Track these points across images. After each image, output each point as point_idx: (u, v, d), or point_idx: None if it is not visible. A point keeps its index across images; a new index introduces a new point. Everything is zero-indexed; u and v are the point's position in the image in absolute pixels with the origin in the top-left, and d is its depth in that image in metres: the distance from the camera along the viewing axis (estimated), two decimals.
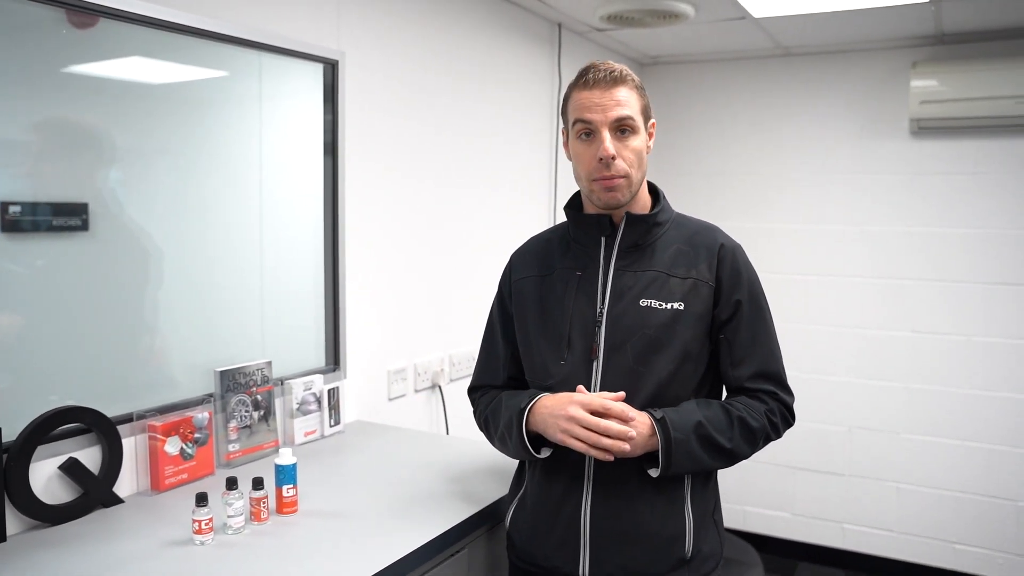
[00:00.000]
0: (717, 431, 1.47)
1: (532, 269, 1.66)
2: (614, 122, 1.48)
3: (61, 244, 1.69)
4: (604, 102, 1.48)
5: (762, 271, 1.67)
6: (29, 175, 1.62)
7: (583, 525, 1.52)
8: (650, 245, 1.56)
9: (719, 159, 4.06)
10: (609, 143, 1.47)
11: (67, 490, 1.63)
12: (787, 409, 1.58)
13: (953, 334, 3.60)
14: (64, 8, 1.64)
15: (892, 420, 3.74)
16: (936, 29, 3.33)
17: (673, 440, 1.43)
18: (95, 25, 1.71)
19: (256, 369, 2.03)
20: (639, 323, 1.50)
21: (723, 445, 1.47)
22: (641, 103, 1.52)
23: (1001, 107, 3.31)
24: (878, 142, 3.69)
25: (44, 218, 1.65)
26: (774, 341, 1.60)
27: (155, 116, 1.86)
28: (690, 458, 1.45)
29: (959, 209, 3.56)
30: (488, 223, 3.01)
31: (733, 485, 3.89)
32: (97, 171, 1.75)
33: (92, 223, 1.73)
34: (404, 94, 2.55)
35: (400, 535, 1.55)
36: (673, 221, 1.61)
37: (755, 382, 1.55)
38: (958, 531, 3.64)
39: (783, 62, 3.87)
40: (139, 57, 1.82)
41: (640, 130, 1.51)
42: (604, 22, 3.13)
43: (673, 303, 1.50)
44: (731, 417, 1.49)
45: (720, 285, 1.53)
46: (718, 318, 1.53)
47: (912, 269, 3.66)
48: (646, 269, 1.54)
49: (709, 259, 1.54)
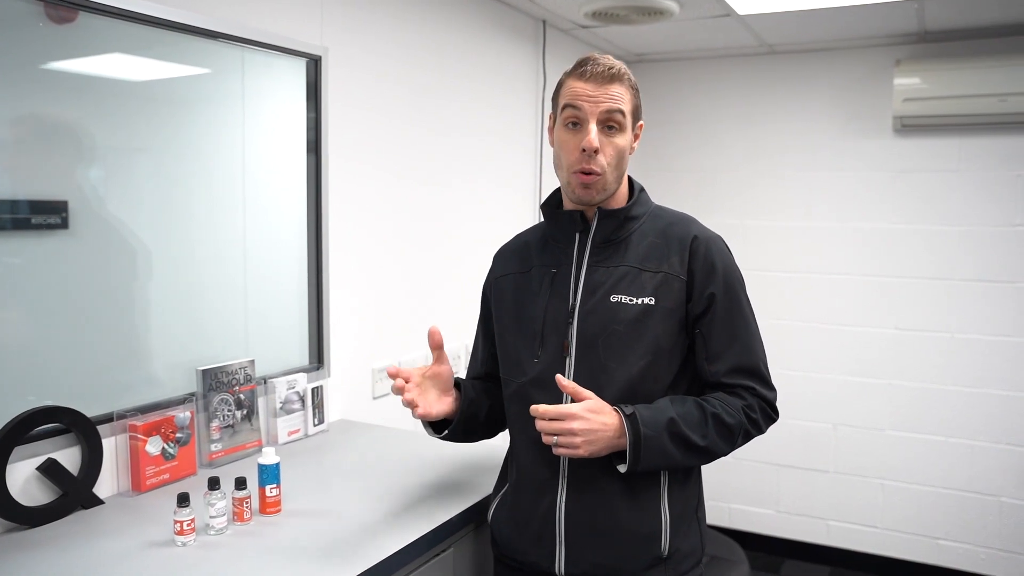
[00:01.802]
0: (690, 428, 1.44)
1: (512, 266, 1.66)
2: (603, 114, 1.47)
3: (40, 242, 1.66)
4: (597, 95, 1.47)
5: (746, 268, 1.66)
6: (7, 172, 1.59)
7: (558, 521, 1.51)
8: (624, 240, 1.55)
9: (704, 156, 4.06)
10: (595, 135, 1.47)
11: (46, 491, 1.61)
12: (768, 404, 1.55)
13: (936, 331, 3.62)
14: (43, 3, 1.61)
15: (876, 417, 3.76)
16: (919, 27, 3.35)
17: (643, 436, 1.41)
18: (74, 20, 1.69)
19: (239, 368, 2.01)
20: (609, 319, 1.49)
21: (696, 443, 1.45)
22: (633, 103, 1.51)
23: (984, 105, 3.33)
24: (862, 139, 3.71)
25: (23, 216, 1.63)
26: (754, 335, 1.56)
27: (137, 113, 1.84)
28: (661, 455, 1.43)
29: (942, 206, 3.58)
30: (473, 220, 3.00)
31: (718, 482, 3.90)
32: (77, 168, 1.72)
33: (72, 221, 1.70)
34: (388, 90, 2.54)
35: (384, 535, 1.54)
36: (649, 214, 1.59)
37: (732, 377, 1.52)
38: (941, 526, 3.67)
39: (768, 60, 3.88)
40: (119, 53, 1.79)
41: (627, 129, 1.50)
42: (589, 19, 3.12)
43: (643, 298, 1.49)
44: (705, 414, 1.47)
45: (692, 278, 1.51)
46: (692, 312, 1.51)
47: (896, 266, 3.68)
48: (618, 264, 1.53)
49: (681, 252, 1.52)
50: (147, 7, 1.76)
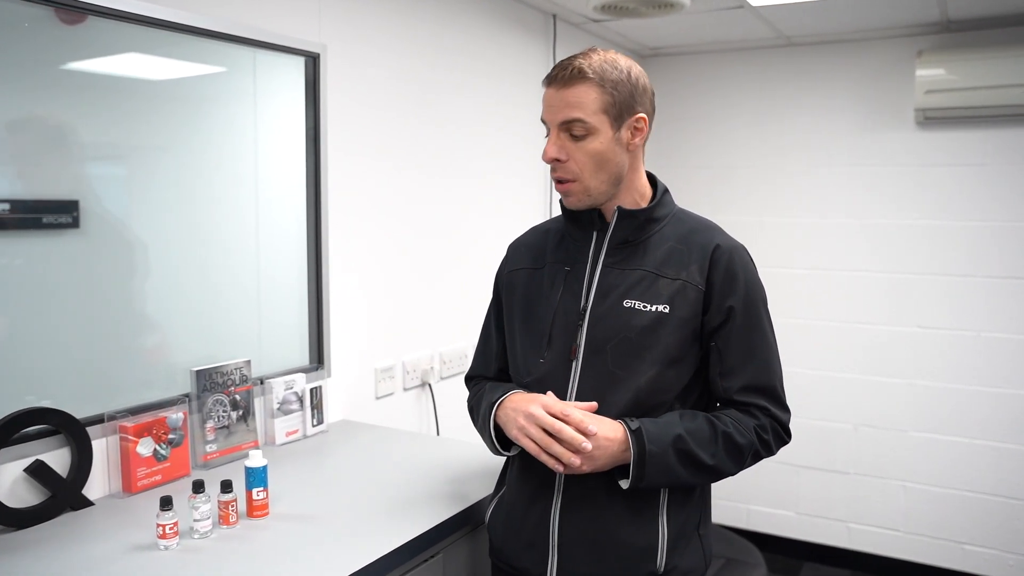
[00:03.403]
0: (699, 446, 1.38)
1: (525, 261, 1.61)
2: (561, 124, 1.41)
3: (51, 242, 1.67)
4: (555, 102, 1.42)
5: (764, 266, 1.58)
6: (17, 171, 1.60)
7: (551, 529, 1.47)
8: (643, 242, 1.48)
9: (720, 152, 3.99)
10: (553, 144, 1.42)
11: (34, 493, 1.60)
12: (781, 426, 1.48)
13: (960, 329, 3.52)
14: (49, 6, 1.63)
15: (898, 417, 3.66)
16: (942, 16, 3.25)
17: (648, 452, 1.35)
18: (84, 21, 1.70)
19: (234, 368, 1.99)
20: (621, 325, 1.43)
21: (704, 461, 1.39)
22: (604, 100, 1.39)
23: (1010, 96, 3.22)
24: (882, 133, 3.61)
25: (33, 215, 1.63)
26: (772, 353, 1.49)
27: (147, 113, 1.85)
28: (666, 472, 1.37)
29: (966, 202, 3.47)
30: (480, 217, 2.96)
31: (736, 483, 3.79)
32: (88, 168, 1.73)
33: (83, 220, 1.71)
34: (391, 87, 2.51)
35: (372, 539, 1.51)
36: (672, 217, 1.51)
37: (746, 395, 1.45)
38: (967, 531, 3.56)
39: (785, 52, 3.79)
40: (131, 53, 1.80)
41: (597, 131, 1.40)
42: (599, 12, 3.06)
43: (658, 305, 1.42)
44: (716, 431, 1.41)
45: (711, 289, 1.44)
46: (708, 324, 1.44)
47: (918, 263, 3.58)
48: (635, 268, 1.46)
49: (701, 260, 1.45)
50: (138, 6, 1.75)
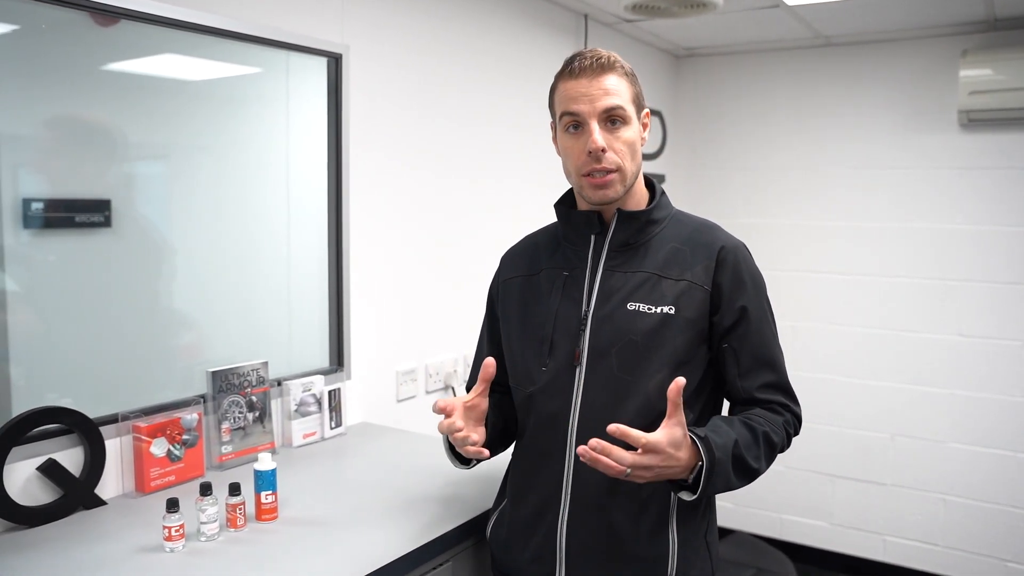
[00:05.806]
0: (747, 451, 1.34)
1: (520, 269, 1.59)
2: (603, 112, 1.39)
3: (83, 240, 1.70)
4: (592, 91, 1.39)
5: (800, 269, 1.56)
6: (51, 171, 1.63)
7: (559, 541, 1.43)
8: (643, 244, 1.46)
9: (757, 154, 3.90)
10: (598, 135, 1.38)
11: (47, 492, 1.61)
12: (799, 421, 1.48)
13: (1003, 338, 3.39)
14: (79, 9, 1.65)
15: (937, 428, 3.54)
16: (987, 14, 3.13)
17: (717, 462, 1.29)
18: (117, 24, 1.72)
19: (251, 370, 1.99)
20: (625, 328, 1.40)
21: (751, 464, 1.35)
22: (632, 91, 1.42)
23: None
24: (924, 135, 3.50)
25: (66, 214, 1.66)
26: (779, 348, 1.49)
27: (180, 114, 1.87)
28: (723, 481, 1.32)
29: (1010, 206, 3.35)
30: (503, 219, 2.93)
31: (768, 491, 3.74)
32: (120, 168, 1.75)
33: (115, 220, 1.73)
34: (414, 89, 2.49)
35: (380, 546, 1.49)
36: (671, 218, 1.50)
37: (767, 393, 1.43)
38: (1009, 547, 3.43)
39: (823, 52, 3.70)
40: (167, 54, 1.83)
41: (632, 120, 1.41)
42: (631, 12, 3.02)
43: (663, 307, 1.40)
44: (757, 435, 1.37)
45: (719, 290, 1.41)
46: (719, 325, 1.41)
47: (959, 269, 3.46)
48: (636, 270, 1.44)
49: (707, 261, 1.42)
50: (158, 8, 1.75)
